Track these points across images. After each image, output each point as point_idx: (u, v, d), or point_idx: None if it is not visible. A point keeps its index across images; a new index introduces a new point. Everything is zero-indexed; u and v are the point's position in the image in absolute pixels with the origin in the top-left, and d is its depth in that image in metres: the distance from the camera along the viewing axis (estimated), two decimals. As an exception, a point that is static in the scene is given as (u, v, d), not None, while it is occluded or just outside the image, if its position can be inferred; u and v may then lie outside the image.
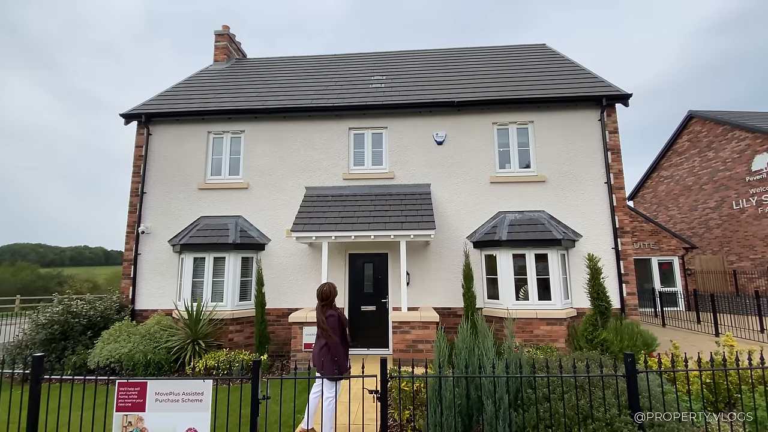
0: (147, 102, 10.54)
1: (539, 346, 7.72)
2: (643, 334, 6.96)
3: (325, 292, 4.61)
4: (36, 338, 7.90)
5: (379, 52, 14.21)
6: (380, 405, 3.57)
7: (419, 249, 9.07)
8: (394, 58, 13.21)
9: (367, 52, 14.21)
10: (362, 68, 12.40)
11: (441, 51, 13.74)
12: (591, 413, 3.61)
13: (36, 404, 3.86)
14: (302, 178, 9.56)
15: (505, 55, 12.64)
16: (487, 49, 13.55)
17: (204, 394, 3.63)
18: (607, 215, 8.86)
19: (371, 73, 11.92)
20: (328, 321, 4.47)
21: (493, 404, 3.84)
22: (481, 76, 11.00)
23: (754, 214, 16.12)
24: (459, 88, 10.20)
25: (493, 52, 13.11)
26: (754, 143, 16.16)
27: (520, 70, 11.20)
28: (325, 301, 4.60)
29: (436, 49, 13.91)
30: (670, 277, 15.86)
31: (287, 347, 8.67)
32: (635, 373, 3.59)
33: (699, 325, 11.55)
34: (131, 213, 9.62)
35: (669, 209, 20.42)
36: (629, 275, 8.62)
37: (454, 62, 12.29)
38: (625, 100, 9.09)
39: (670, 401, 3.91)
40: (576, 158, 9.16)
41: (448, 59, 12.65)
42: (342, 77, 11.67)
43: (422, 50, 13.97)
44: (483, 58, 12.49)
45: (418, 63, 12.49)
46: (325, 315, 4.51)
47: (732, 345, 5.74)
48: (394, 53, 13.92)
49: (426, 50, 13.94)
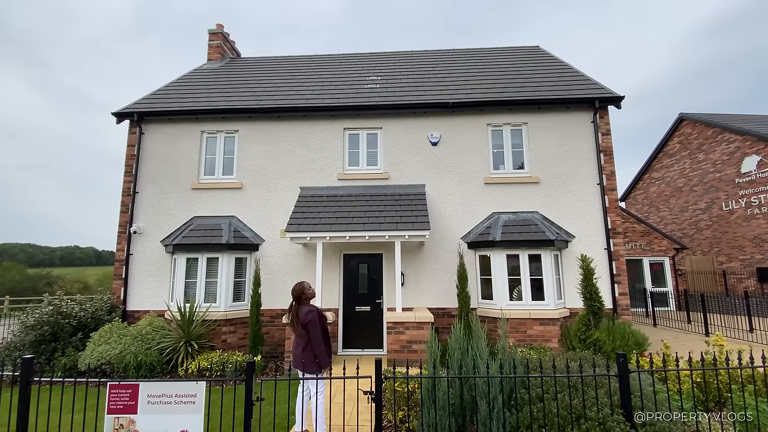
0: (139, 101, 10.44)
1: (532, 346, 7.76)
2: (634, 334, 7.03)
3: (296, 290, 4.50)
4: (25, 340, 7.77)
5: (375, 52, 14.21)
6: (375, 406, 3.56)
7: (414, 249, 9.09)
8: (390, 59, 13.22)
9: (362, 53, 14.21)
10: (357, 68, 12.40)
11: (436, 52, 13.78)
12: (584, 413, 3.64)
13: (26, 407, 3.80)
14: (297, 178, 9.53)
15: (500, 57, 12.71)
16: (481, 51, 13.61)
17: (197, 395, 3.60)
18: (600, 216, 8.94)
19: (366, 73, 11.92)
20: (307, 316, 4.35)
21: (487, 404, 3.85)
22: (476, 77, 11.05)
23: (744, 215, 16.37)
24: (454, 90, 10.24)
25: (488, 54, 13.17)
26: (743, 145, 16.41)
27: (514, 71, 11.27)
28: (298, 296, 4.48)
29: (431, 50, 13.94)
30: (661, 277, 16.04)
31: (281, 348, 8.63)
32: (627, 372, 3.62)
33: (689, 324, 11.70)
34: (123, 213, 9.52)
35: (660, 210, 20.66)
36: (621, 276, 8.70)
37: (449, 63, 12.33)
38: (618, 102, 9.18)
39: (661, 400, 3.95)
40: (569, 160, 9.24)
41: (442, 60, 12.69)
42: (337, 77, 11.65)
43: (417, 51, 14.00)
44: (477, 60, 12.54)
45: (413, 64, 12.51)
46: (303, 312, 4.40)
47: (722, 345, 5.82)
48: (389, 54, 13.93)
49: (421, 51, 13.97)
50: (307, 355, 4.31)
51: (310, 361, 4.29)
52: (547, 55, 12.53)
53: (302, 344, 4.37)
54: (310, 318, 4.36)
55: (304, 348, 4.33)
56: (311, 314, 4.39)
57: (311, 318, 4.36)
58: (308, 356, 4.31)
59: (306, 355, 4.32)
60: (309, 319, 4.35)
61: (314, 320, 4.37)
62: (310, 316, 4.37)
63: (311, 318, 4.36)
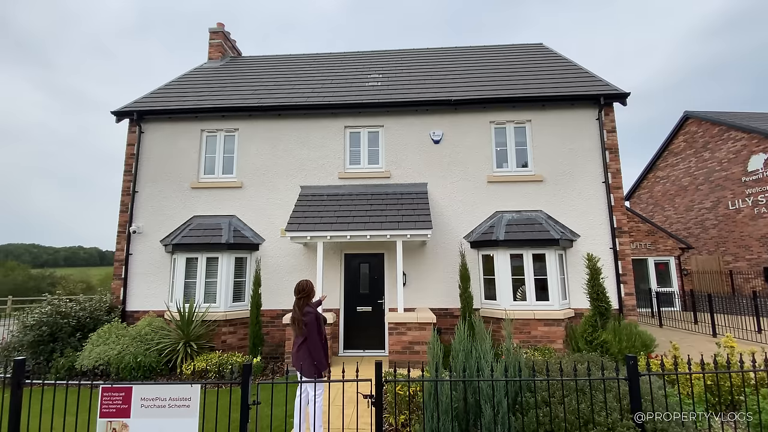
0: (139, 99, 10.36)
1: (537, 347, 7.62)
2: (641, 335, 6.88)
3: (301, 286, 4.47)
4: (24, 340, 7.70)
5: (376, 50, 14.09)
6: (375, 410, 3.44)
7: (416, 249, 8.96)
8: (391, 57, 13.10)
9: (363, 51, 14.10)
10: (358, 66, 12.28)
11: (437, 50, 13.64)
12: (592, 417, 3.51)
13: (17, 410, 3.70)
14: (297, 177, 9.42)
15: (502, 55, 12.56)
16: (483, 49, 13.47)
17: (191, 399, 3.49)
18: (605, 215, 8.78)
19: (368, 71, 11.80)
20: (305, 317, 4.30)
21: (491, 408, 3.72)
22: (479, 74, 10.91)
23: (750, 214, 16.14)
24: (456, 87, 10.10)
25: (490, 52, 13.03)
26: (750, 144, 16.18)
27: (518, 69, 11.12)
28: (301, 294, 4.44)
29: (433, 48, 13.81)
30: (667, 277, 15.83)
31: (281, 349, 8.52)
32: (638, 375, 3.49)
33: (696, 325, 11.51)
34: (123, 212, 9.44)
35: (665, 209, 20.43)
36: (627, 275, 8.55)
37: (451, 61, 12.19)
38: (623, 98, 9.03)
39: (672, 404, 3.81)
40: (574, 157, 9.09)
41: (444, 58, 12.55)
42: (338, 75, 11.54)
43: (419, 49, 13.87)
44: (480, 58, 12.40)
45: (415, 62, 12.38)
46: (302, 311, 4.35)
47: (733, 346, 5.66)
48: (390, 52, 13.81)
49: (422, 49, 13.83)
50: (304, 357, 4.22)
51: (307, 364, 4.19)
52: (550, 52, 12.38)
53: (299, 343, 4.29)
54: (307, 320, 4.30)
55: (299, 349, 4.26)
56: (308, 316, 4.33)
57: (308, 320, 4.30)
58: (305, 358, 4.21)
59: (302, 357, 4.23)
60: (306, 320, 4.29)
61: (311, 322, 4.31)
62: (307, 317, 4.31)
63: (308, 320, 4.30)
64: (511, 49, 13.13)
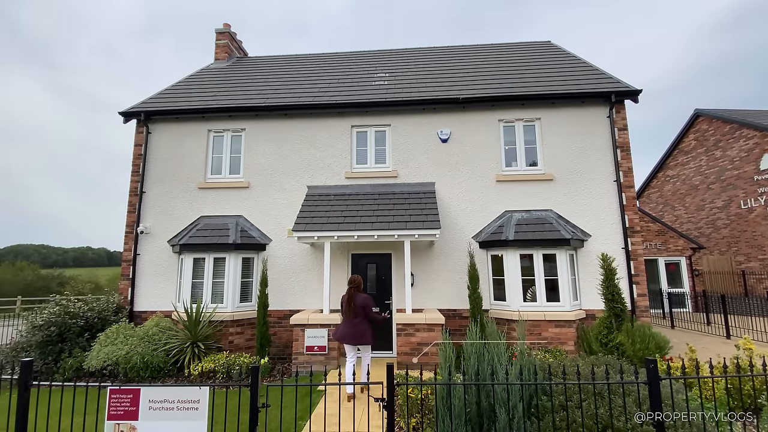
0: (146, 100, 10.37)
1: (548, 348, 7.49)
2: (655, 337, 6.74)
3: (354, 279, 6.07)
4: (32, 341, 7.71)
5: (382, 50, 14.02)
6: (387, 414, 3.36)
7: (424, 249, 8.87)
8: (398, 56, 13.02)
9: (370, 50, 14.03)
10: (365, 66, 12.22)
11: (444, 48, 13.53)
12: (611, 422, 3.40)
13: (24, 411, 3.67)
14: (304, 177, 9.37)
15: (510, 53, 12.43)
16: (491, 47, 13.35)
17: (200, 401, 3.43)
18: (617, 214, 8.63)
19: (374, 70, 11.73)
20: (365, 300, 5.86)
21: (506, 413, 3.62)
22: (486, 73, 10.79)
23: (763, 213, 15.84)
24: (464, 85, 10.00)
25: (498, 50, 12.90)
26: (762, 142, 15.88)
27: (526, 66, 10.99)
28: (352, 284, 5.99)
29: (439, 47, 13.70)
30: (677, 277, 15.59)
31: (289, 350, 8.47)
32: (658, 379, 3.37)
33: (709, 327, 11.30)
34: (130, 213, 9.45)
35: (675, 209, 20.14)
36: (640, 276, 8.39)
37: (459, 60, 12.08)
38: (635, 96, 8.87)
39: (693, 409, 3.69)
40: (584, 156, 8.94)
41: (452, 57, 12.45)
42: (345, 75, 11.48)
43: (425, 48, 13.76)
44: (488, 56, 12.28)
45: (422, 60, 12.29)
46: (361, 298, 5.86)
47: (751, 348, 5.52)
48: (397, 51, 13.72)
49: (429, 48, 13.73)
50: (363, 330, 5.73)
51: (369, 334, 5.77)
52: (559, 49, 12.22)
53: (357, 323, 5.74)
54: (367, 301, 5.88)
55: (356, 325, 5.73)
56: (367, 299, 5.91)
57: (368, 301, 5.90)
58: (365, 331, 5.74)
59: (362, 330, 5.73)
60: (367, 303, 5.85)
61: (370, 302, 5.92)
62: (368, 300, 5.91)
63: (368, 301, 5.90)
64: (519, 47, 12.99)
